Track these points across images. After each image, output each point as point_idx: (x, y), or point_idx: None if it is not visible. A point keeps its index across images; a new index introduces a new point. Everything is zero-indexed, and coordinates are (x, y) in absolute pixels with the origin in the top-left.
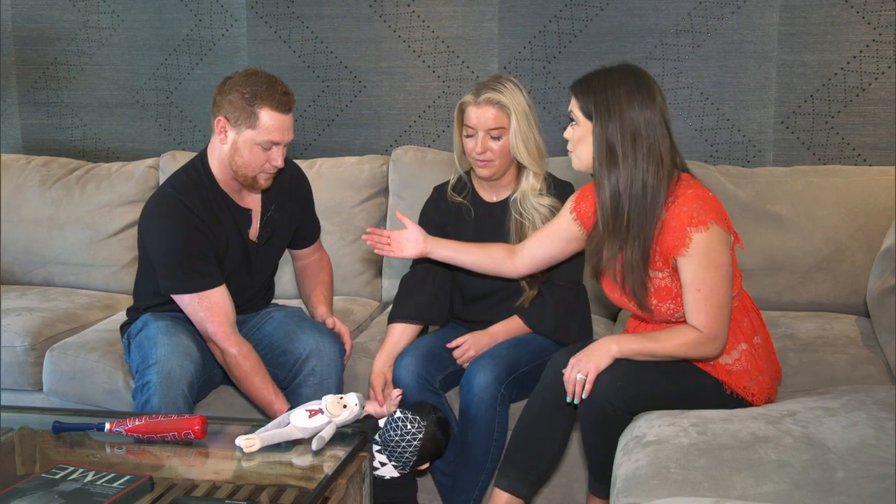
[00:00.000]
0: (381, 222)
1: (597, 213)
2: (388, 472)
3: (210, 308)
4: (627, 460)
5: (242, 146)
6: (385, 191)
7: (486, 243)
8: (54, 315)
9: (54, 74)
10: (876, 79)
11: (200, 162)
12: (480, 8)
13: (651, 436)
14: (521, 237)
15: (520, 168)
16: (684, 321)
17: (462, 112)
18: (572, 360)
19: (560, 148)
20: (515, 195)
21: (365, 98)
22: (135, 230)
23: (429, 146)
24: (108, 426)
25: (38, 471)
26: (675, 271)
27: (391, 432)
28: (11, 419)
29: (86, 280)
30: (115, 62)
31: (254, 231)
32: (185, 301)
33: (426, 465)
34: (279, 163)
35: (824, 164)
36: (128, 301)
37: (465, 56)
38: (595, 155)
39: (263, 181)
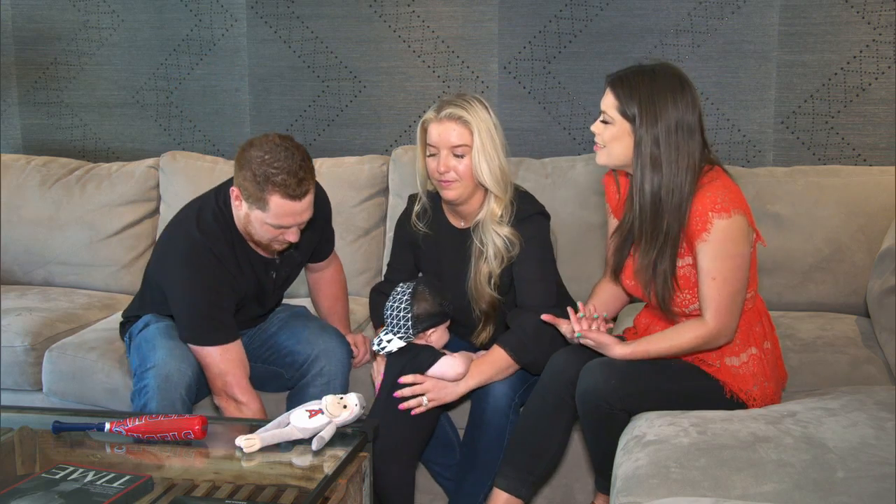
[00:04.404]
0: (381, 222)
1: (633, 215)
2: (395, 344)
3: (231, 361)
4: (627, 460)
5: (254, 221)
6: (385, 191)
7: (599, 295)
8: (54, 315)
9: (54, 74)
10: (876, 79)
11: (226, 207)
12: (480, 8)
13: (651, 435)
14: (479, 266)
15: (487, 192)
16: (697, 313)
17: (425, 131)
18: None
19: (561, 148)
20: (478, 218)
21: (365, 98)
22: (135, 230)
23: None
24: (108, 426)
25: (38, 471)
26: (680, 268)
27: (388, 306)
28: (11, 419)
29: (86, 280)
30: (115, 62)
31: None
32: (205, 353)
33: (432, 332)
34: (293, 239)
35: (824, 164)
36: (127, 300)
37: (465, 56)
38: (636, 159)
39: (279, 246)
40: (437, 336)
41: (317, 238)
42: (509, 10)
